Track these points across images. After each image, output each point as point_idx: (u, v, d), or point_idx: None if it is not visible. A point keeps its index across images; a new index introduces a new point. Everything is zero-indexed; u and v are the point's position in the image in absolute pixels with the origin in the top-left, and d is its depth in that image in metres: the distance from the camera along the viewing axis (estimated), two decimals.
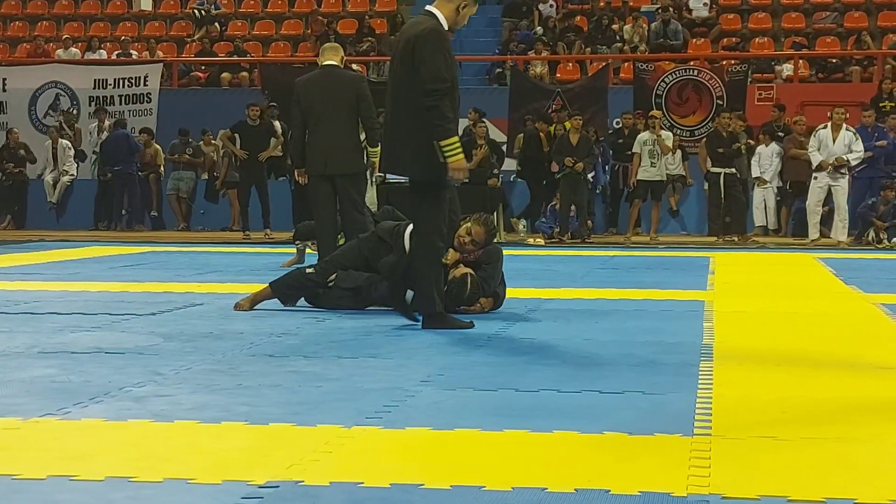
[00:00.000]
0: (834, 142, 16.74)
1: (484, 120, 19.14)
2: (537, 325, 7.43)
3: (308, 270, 8.24)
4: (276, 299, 8.15)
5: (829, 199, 17.13)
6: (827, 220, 17.47)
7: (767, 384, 5.40)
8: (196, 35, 25.06)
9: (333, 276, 8.10)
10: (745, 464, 3.86)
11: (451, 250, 7.80)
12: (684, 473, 3.68)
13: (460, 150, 6.98)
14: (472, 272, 7.83)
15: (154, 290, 9.60)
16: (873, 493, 3.48)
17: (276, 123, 18.47)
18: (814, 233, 17.03)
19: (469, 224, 7.79)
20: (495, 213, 17.46)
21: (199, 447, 4.06)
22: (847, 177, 16.81)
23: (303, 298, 8.21)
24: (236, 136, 17.95)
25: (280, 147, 18.17)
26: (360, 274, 8.08)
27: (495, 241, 8.20)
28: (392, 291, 7.65)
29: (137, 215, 20.07)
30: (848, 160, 16.72)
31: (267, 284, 8.23)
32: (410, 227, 7.85)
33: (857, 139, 16.84)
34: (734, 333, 7.10)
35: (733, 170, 17.22)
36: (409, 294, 7.66)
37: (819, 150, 16.79)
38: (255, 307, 8.07)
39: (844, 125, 16.83)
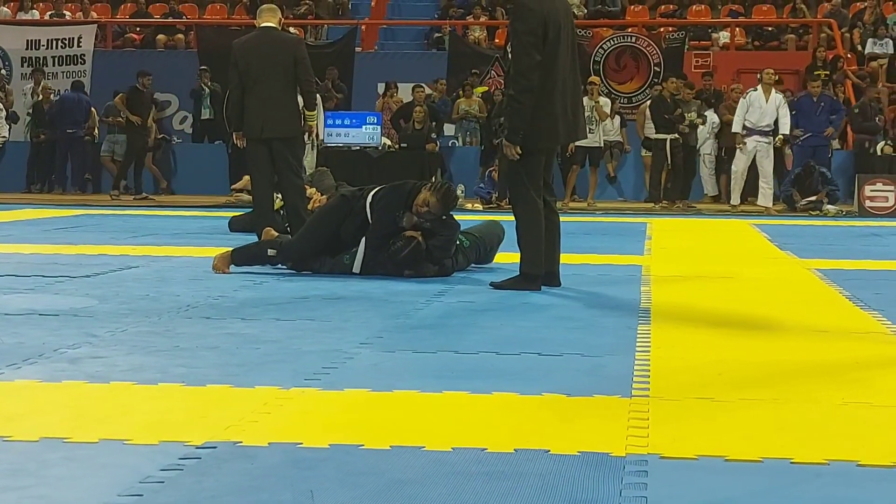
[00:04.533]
0: (767, 102, 16.79)
1: (422, 84, 19.09)
2: (476, 288, 7.43)
3: (270, 252, 8.13)
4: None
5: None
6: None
7: (704, 347, 5.43)
8: None
9: (289, 264, 8.12)
10: (683, 424, 3.88)
11: (408, 213, 7.80)
12: (623, 434, 3.70)
13: None
14: (419, 237, 7.80)
15: (88, 252, 9.49)
16: (809, 452, 3.51)
17: (208, 88, 18.53)
18: (736, 198, 17.08)
19: (427, 194, 7.76)
20: (433, 179, 17.43)
21: (136, 408, 4.01)
22: (771, 143, 16.88)
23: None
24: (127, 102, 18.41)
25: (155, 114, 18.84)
26: (316, 261, 8.05)
27: None
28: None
29: (78, 179, 19.81)
30: (786, 135, 16.80)
31: (230, 250, 8.16)
32: (374, 192, 7.86)
33: (785, 102, 16.92)
34: (671, 297, 7.14)
35: (677, 136, 17.29)
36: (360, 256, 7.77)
37: (749, 112, 16.83)
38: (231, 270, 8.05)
39: (773, 88, 16.91)
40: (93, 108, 20.09)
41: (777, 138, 16.79)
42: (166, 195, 18.82)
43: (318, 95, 16.63)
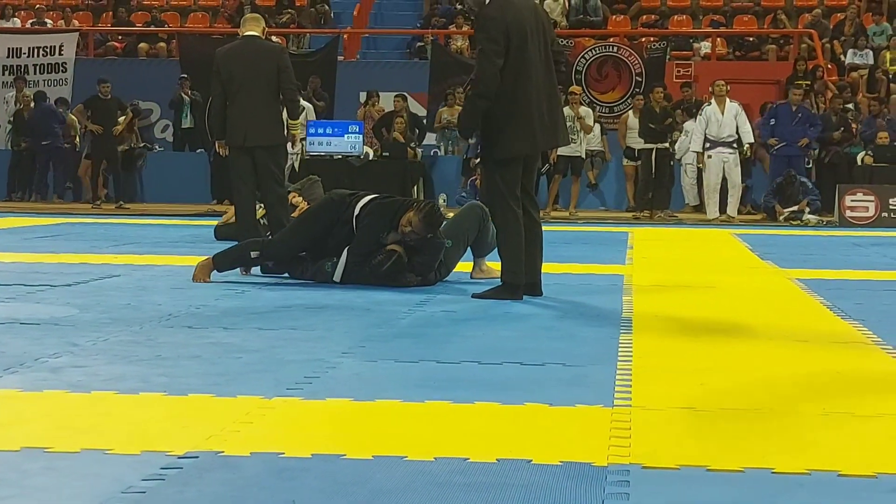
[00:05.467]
0: (723, 114, 16.84)
1: (404, 94, 19.12)
2: (458, 297, 7.43)
3: (253, 253, 8.13)
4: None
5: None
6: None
7: (686, 356, 5.44)
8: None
9: (271, 264, 8.16)
10: (665, 434, 3.89)
11: (392, 233, 7.79)
12: (605, 444, 3.70)
13: None
14: (400, 250, 7.78)
15: (70, 261, 9.47)
16: (790, 462, 3.52)
17: (188, 97, 18.48)
18: (713, 210, 17.12)
19: (411, 213, 7.74)
20: (415, 188, 17.44)
21: (117, 418, 4.00)
22: (736, 152, 16.93)
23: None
24: (88, 111, 18.57)
25: (130, 121, 18.88)
26: (299, 264, 8.09)
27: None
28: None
29: (59, 188, 19.84)
30: (752, 143, 16.85)
31: (210, 258, 8.14)
32: (362, 203, 7.84)
33: (741, 111, 16.95)
34: (653, 307, 7.15)
35: (666, 145, 17.37)
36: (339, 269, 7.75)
37: (708, 127, 16.86)
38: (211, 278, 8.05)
39: (728, 98, 16.97)
40: (73, 116, 20.06)
41: (745, 148, 16.84)
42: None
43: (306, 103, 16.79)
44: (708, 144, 16.88)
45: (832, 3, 23.80)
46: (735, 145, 16.86)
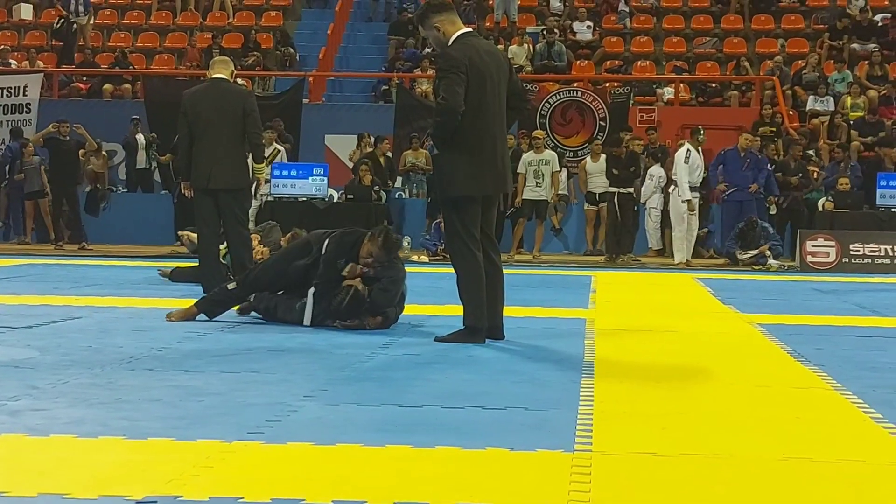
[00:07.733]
0: (700, 159, 17.05)
1: (373, 138, 19.20)
2: (421, 340, 7.43)
3: (230, 286, 8.24)
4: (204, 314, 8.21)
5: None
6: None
7: (647, 400, 5.46)
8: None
9: (252, 295, 8.20)
10: (625, 479, 3.90)
11: (351, 264, 7.85)
12: (565, 489, 3.71)
13: None
14: (358, 286, 7.83)
15: (31, 302, 9.40)
16: None
17: (150, 138, 18.56)
18: (689, 254, 17.21)
19: (368, 244, 7.81)
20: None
21: (76, 461, 3.98)
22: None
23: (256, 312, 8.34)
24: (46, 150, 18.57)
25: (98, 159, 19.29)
26: (272, 297, 8.15)
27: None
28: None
29: (20, 228, 19.72)
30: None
31: (193, 304, 8.22)
32: (331, 236, 8.01)
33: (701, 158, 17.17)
34: (615, 351, 7.18)
35: (630, 190, 17.47)
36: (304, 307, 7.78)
37: (689, 171, 16.97)
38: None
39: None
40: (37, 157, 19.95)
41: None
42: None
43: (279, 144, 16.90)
44: (693, 193, 17.00)
45: (793, 50, 24.08)
46: (697, 192, 17.00)
